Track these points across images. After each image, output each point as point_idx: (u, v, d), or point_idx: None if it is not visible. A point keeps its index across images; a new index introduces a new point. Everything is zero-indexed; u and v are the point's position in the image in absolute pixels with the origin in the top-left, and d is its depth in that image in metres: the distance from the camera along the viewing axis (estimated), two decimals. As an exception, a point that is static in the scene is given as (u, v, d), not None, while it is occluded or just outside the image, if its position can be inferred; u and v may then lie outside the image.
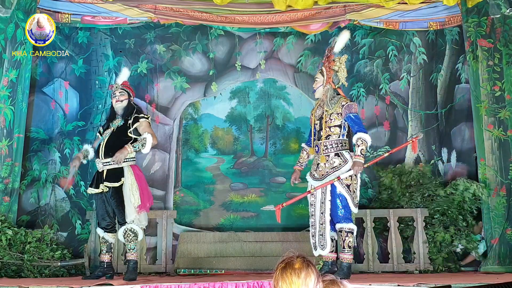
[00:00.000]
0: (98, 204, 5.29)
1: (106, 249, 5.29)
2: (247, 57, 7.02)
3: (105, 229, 5.26)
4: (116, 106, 5.38)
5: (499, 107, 6.27)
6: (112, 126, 5.34)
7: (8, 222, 5.72)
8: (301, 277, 2.11)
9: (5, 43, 6.05)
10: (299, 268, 2.13)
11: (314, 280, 2.12)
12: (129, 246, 5.16)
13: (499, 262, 6.00)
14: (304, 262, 2.14)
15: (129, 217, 5.11)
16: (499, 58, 6.30)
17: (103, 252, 5.31)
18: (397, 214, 6.25)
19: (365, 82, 6.97)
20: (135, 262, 5.16)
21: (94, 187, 5.24)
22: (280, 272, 2.15)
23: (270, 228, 6.47)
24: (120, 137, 5.23)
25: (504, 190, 6.13)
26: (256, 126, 7.01)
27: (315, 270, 2.15)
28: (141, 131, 5.25)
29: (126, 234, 5.14)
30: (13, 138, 6.03)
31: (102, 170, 5.17)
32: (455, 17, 6.73)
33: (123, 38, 6.86)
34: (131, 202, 5.09)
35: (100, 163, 5.20)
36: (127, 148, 5.12)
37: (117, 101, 5.35)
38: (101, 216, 5.27)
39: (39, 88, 6.67)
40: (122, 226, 5.15)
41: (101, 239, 5.31)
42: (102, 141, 5.27)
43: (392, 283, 4.31)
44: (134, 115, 5.30)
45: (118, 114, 5.38)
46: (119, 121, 5.33)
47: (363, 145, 4.89)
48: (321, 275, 2.21)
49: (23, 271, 5.55)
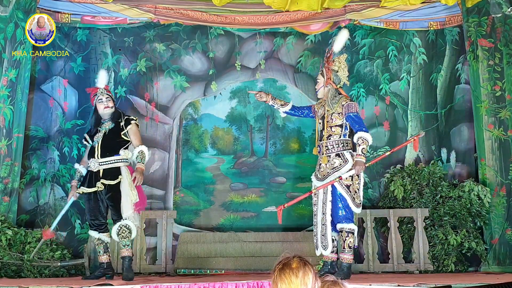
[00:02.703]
0: (91, 204, 5.18)
1: (104, 250, 5.25)
2: (247, 57, 7.01)
3: (98, 230, 5.21)
4: (104, 112, 5.31)
5: (500, 107, 6.28)
6: (103, 129, 5.28)
7: (8, 222, 5.71)
8: (299, 276, 2.14)
9: (4, 43, 6.03)
10: (296, 268, 2.15)
11: (312, 278, 2.15)
12: (124, 242, 5.13)
13: (499, 262, 6.03)
14: (301, 262, 2.18)
15: (125, 213, 5.08)
16: (500, 58, 6.31)
17: (100, 253, 5.25)
18: (397, 214, 6.25)
19: (365, 82, 6.97)
20: (130, 259, 5.16)
21: (86, 187, 5.17)
22: (278, 273, 2.17)
23: (270, 228, 6.47)
24: (114, 139, 5.24)
25: (504, 190, 6.14)
26: (256, 126, 7.00)
27: (313, 268, 2.18)
28: (132, 136, 5.28)
29: (121, 230, 5.09)
30: (13, 138, 6.02)
31: (98, 170, 5.14)
32: (455, 16, 6.73)
33: (122, 37, 6.85)
34: (129, 197, 5.09)
35: (96, 163, 5.14)
36: (141, 167, 5.20)
37: (106, 107, 5.29)
38: (94, 216, 5.19)
39: (38, 86, 6.65)
40: (116, 222, 5.09)
41: (96, 240, 5.25)
42: (96, 143, 5.21)
43: (392, 283, 4.31)
44: (124, 117, 5.33)
45: (105, 119, 5.33)
46: (109, 124, 5.29)
47: (364, 144, 4.90)
48: (322, 276, 2.22)
49: (23, 271, 5.54)
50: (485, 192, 6.13)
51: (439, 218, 6.20)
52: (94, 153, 5.19)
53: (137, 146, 5.28)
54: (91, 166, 5.18)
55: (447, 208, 6.17)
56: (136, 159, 5.26)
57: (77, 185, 5.34)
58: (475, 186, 6.17)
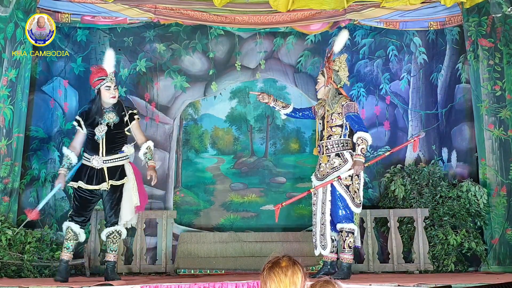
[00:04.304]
0: (83, 200, 4.90)
1: (74, 247, 4.92)
2: (247, 57, 7.01)
3: (80, 225, 4.90)
4: (109, 101, 4.97)
5: (500, 107, 6.28)
6: (105, 121, 4.95)
7: (8, 222, 5.70)
8: (288, 275, 2.16)
9: (4, 43, 6.03)
10: (286, 267, 2.18)
11: (301, 277, 2.18)
12: (112, 247, 5.01)
13: (499, 262, 6.03)
14: (290, 261, 2.21)
15: (124, 218, 4.99)
16: (500, 58, 6.31)
17: (69, 249, 4.89)
18: (397, 214, 6.25)
19: (365, 82, 6.97)
20: (114, 263, 5.05)
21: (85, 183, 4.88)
22: (267, 272, 2.20)
23: (270, 228, 6.47)
24: (118, 134, 5.01)
25: (505, 190, 6.14)
26: (256, 126, 7.00)
27: (302, 268, 2.21)
28: (136, 132, 5.11)
29: (112, 235, 4.99)
30: (13, 138, 6.01)
31: (101, 168, 4.93)
32: (456, 16, 6.73)
33: (122, 37, 6.84)
34: (132, 201, 5.01)
35: (100, 160, 4.92)
36: (153, 164, 5.13)
37: (113, 97, 4.96)
38: (82, 212, 4.91)
39: (38, 87, 6.65)
40: (111, 226, 4.97)
41: (71, 235, 4.87)
42: (100, 139, 4.94)
43: (392, 283, 4.31)
44: (129, 111, 5.08)
45: (106, 108, 4.99)
46: (113, 117, 4.97)
47: (363, 144, 4.91)
48: (317, 277, 2.24)
49: (23, 271, 5.53)
50: (482, 193, 6.12)
51: (439, 218, 6.19)
52: (98, 149, 4.93)
53: (143, 142, 5.12)
54: (93, 163, 4.92)
55: (447, 208, 6.17)
56: (144, 156, 5.12)
57: (66, 174, 5.04)
58: (472, 187, 6.16)
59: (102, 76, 4.97)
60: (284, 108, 5.47)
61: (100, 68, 5.05)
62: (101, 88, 4.97)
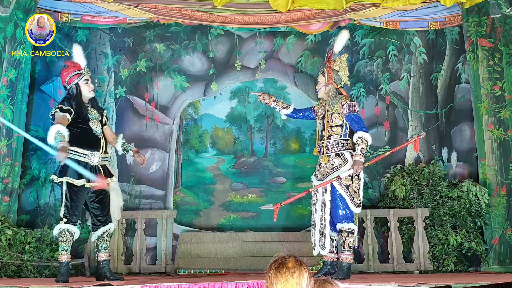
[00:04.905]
0: (79, 198, 4.80)
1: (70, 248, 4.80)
2: (247, 57, 7.02)
3: (74, 224, 4.81)
4: (88, 95, 4.94)
5: (500, 107, 6.28)
6: (94, 117, 4.92)
7: (8, 222, 5.70)
8: (294, 276, 2.16)
9: (4, 43, 6.03)
10: (292, 268, 2.18)
11: (306, 278, 2.18)
12: (105, 245, 5.01)
13: (499, 262, 6.02)
14: (296, 262, 2.20)
15: (116, 216, 5.05)
16: (500, 58, 6.31)
17: (67, 251, 4.77)
18: (397, 214, 6.26)
19: (365, 82, 6.97)
20: (109, 261, 5.07)
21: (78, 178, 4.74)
22: (274, 272, 2.19)
23: (270, 228, 6.47)
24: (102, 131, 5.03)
25: (504, 190, 6.14)
26: (256, 126, 7.00)
27: (307, 269, 2.21)
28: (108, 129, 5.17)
29: (106, 234, 4.99)
30: (13, 138, 6.01)
31: (97, 165, 4.85)
32: (456, 16, 6.73)
33: (122, 37, 6.85)
34: (119, 201, 5.07)
35: (99, 157, 4.86)
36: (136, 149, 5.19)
37: (92, 90, 4.95)
38: (77, 211, 4.82)
39: (38, 87, 6.65)
40: (104, 225, 4.96)
41: (68, 237, 4.76)
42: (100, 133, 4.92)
43: (392, 283, 4.30)
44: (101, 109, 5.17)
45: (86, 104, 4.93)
46: (96, 114, 4.97)
47: (363, 144, 4.91)
48: (316, 277, 2.25)
49: (23, 271, 5.54)
50: (483, 193, 6.13)
51: (439, 218, 6.19)
52: (99, 145, 4.88)
53: (115, 137, 5.19)
54: (93, 159, 4.83)
55: (447, 208, 6.17)
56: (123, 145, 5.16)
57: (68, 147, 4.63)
58: (473, 187, 6.17)
59: (79, 70, 4.95)
60: (285, 108, 5.48)
61: (74, 63, 5.02)
62: (80, 83, 4.92)
